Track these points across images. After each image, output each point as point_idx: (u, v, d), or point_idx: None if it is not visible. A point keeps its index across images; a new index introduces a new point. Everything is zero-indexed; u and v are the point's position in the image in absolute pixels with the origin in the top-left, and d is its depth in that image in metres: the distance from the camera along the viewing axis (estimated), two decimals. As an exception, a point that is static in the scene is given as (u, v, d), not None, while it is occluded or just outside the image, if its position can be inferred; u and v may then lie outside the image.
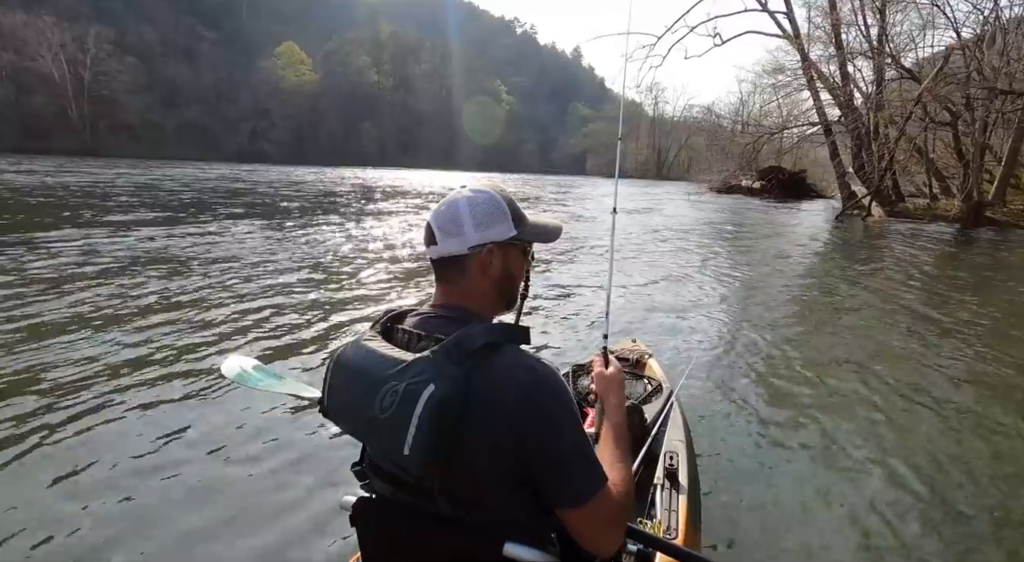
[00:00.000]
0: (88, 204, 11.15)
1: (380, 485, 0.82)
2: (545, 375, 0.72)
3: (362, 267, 6.48)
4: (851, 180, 19.41)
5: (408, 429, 0.66)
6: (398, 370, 0.70)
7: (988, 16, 17.09)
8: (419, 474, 0.68)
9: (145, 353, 3.40)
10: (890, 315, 5.27)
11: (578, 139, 78.51)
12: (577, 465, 0.72)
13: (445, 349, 0.69)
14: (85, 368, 3.12)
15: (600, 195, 24.43)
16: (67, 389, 2.85)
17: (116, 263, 5.84)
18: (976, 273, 8.15)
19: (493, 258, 0.81)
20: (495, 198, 0.82)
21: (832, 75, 20.00)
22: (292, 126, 57.33)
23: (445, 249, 0.81)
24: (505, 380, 0.70)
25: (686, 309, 5.14)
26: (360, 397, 0.73)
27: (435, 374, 0.67)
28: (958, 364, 3.84)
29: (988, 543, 1.98)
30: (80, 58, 44.54)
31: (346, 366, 0.79)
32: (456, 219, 0.80)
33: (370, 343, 0.79)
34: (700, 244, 10.15)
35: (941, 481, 2.34)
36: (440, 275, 0.84)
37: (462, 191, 0.83)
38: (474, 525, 0.73)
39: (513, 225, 0.82)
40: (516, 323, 0.88)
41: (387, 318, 0.86)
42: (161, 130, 49.13)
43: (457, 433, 0.67)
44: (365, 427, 0.75)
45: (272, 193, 16.81)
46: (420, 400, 0.66)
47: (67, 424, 2.52)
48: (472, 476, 0.71)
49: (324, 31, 65.05)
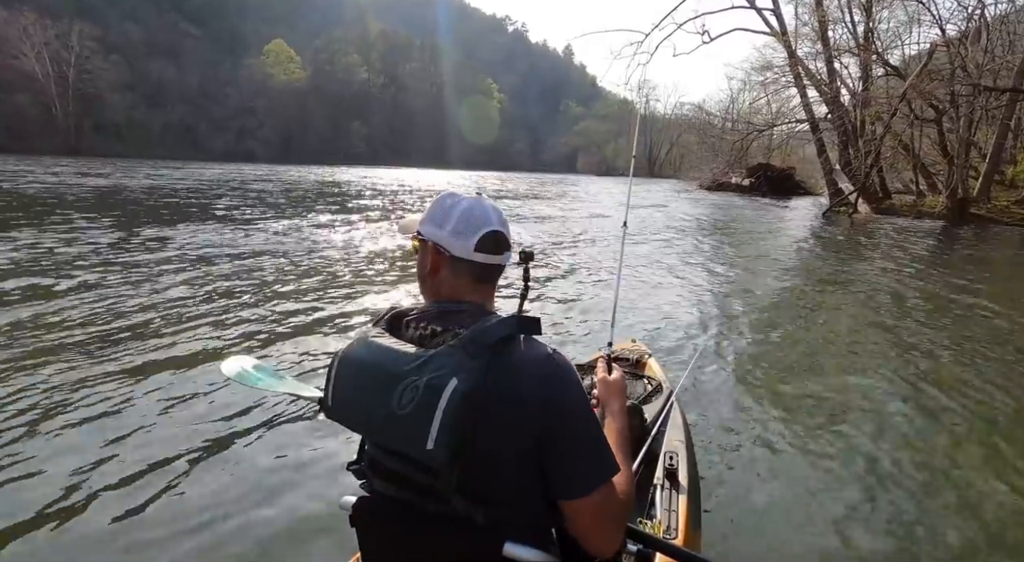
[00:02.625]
0: (77, 205, 10.91)
1: (381, 484, 0.80)
2: (561, 365, 0.75)
3: (358, 266, 6.43)
4: (838, 177, 19.49)
5: (432, 423, 0.66)
6: (417, 365, 0.70)
7: (972, 12, 17.22)
8: (442, 468, 0.68)
9: (142, 354, 3.35)
10: (876, 313, 5.27)
11: (569, 137, 78.59)
12: (591, 454, 0.74)
13: (463, 343, 0.70)
14: (84, 369, 3.07)
15: (595, 193, 24.38)
16: (66, 390, 2.82)
17: (103, 265, 5.70)
18: (962, 270, 8.21)
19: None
20: (501, 214, 0.86)
21: (819, 72, 20.09)
22: (280, 125, 56.74)
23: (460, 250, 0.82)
24: (522, 371, 0.72)
25: (685, 309, 5.13)
26: (373, 394, 0.72)
27: (457, 368, 0.68)
28: (958, 365, 3.81)
29: (988, 542, 1.97)
30: (64, 56, 43.75)
31: (354, 363, 0.78)
32: (478, 223, 0.82)
33: (380, 340, 0.78)
34: (694, 243, 10.18)
35: (941, 481, 2.32)
36: (481, 274, 0.84)
37: (484, 198, 0.86)
38: (476, 524, 0.72)
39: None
40: (523, 313, 0.86)
41: (391, 315, 0.84)
42: (146, 129, 48.47)
43: (476, 426, 0.67)
44: (380, 424, 0.73)
45: (261, 191, 16.60)
46: (444, 394, 0.66)
47: (67, 425, 2.50)
48: (490, 469, 0.71)
49: (313, 29, 64.48)
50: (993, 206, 16.45)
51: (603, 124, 78.85)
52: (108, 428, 2.49)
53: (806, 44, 20.67)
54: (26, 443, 2.33)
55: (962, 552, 1.92)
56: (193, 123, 52.37)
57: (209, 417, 2.62)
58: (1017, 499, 2.20)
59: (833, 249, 10.79)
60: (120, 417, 2.59)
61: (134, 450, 2.32)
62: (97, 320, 3.93)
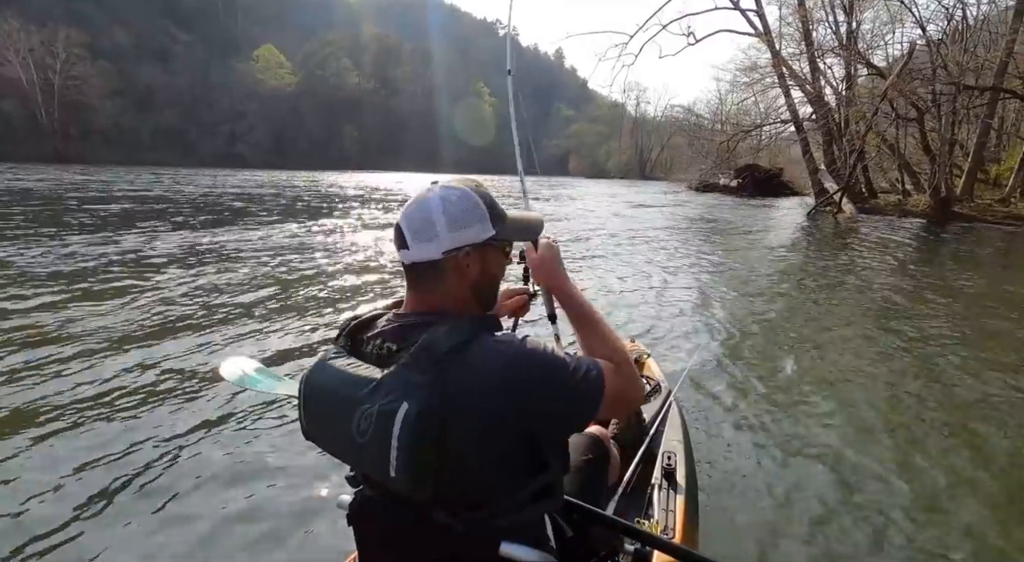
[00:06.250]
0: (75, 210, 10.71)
1: (372, 492, 0.79)
2: (525, 358, 0.71)
3: (353, 265, 6.43)
4: (823, 177, 19.51)
5: (390, 452, 0.64)
6: (369, 391, 0.67)
7: (952, 12, 17.32)
8: (412, 491, 0.67)
9: (139, 358, 3.32)
10: (868, 311, 5.27)
11: (561, 140, 78.72)
12: (576, 388, 0.73)
13: (413, 357, 0.67)
14: (81, 371, 3.06)
15: (584, 195, 24.38)
16: (65, 390, 2.82)
17: (97, 267, 5.68)
18: (943, 268, 8.25)
19: (470, 261, 0.76)
20: (470, 196, 0.77)
21: (803, 72, 20.15)
22: (271, 129, 56.45)
23: (418, 254, 0.75)
24: (484, 380, 0.67)
25: (683, 309, 5.07)
26: (335, 421, 0.70)
27: (406, 389, 0.65)
28: (959, 364, 3.77)
29: (989, 541, 1.94)
30: (49, 62, 43.34)
31: (316, 388, 0.75)
32: (428, 221, 0.74)
33: (336, 362, 0.74)
34: (686, 243, 10.20)
35: (942, 482, 2.31)
36: (413, 280, 0.78)
37: (433, 188, 0.77)
38: (470, 526, 0.71)
39: (491, 224, 0.77)
40: (484, 311, 0.83)
41: (352, 327, 0.80)
42: (135, 134, 48.10)
43: (443, 440, 0.64)
44: (347, 451, 0.73)
45: (252, 196, 16.47)
46: (396, 421, 0.63)
47: (67, 425, 2.50)
48: (466, 476, 0.69)
49: (303, 33, 64.20)
50: (976, 205, 16.49)
51: (594, 126, 79.05)
52: (105, 428, 2.49)
53: (790, 44, 20.77)
54: (16, 450, 2.30)
55: (962, 549, 1.91)
56: (183, 128, 52.03)
57: (206, 418, 2.61)
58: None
59: (819, 248, 10.81)
60: (117, 418, 2.59)
61: (132, 451, 2.32)
62: (86, 323, 3.88)
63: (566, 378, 0.73)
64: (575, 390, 0.73)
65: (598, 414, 0.76)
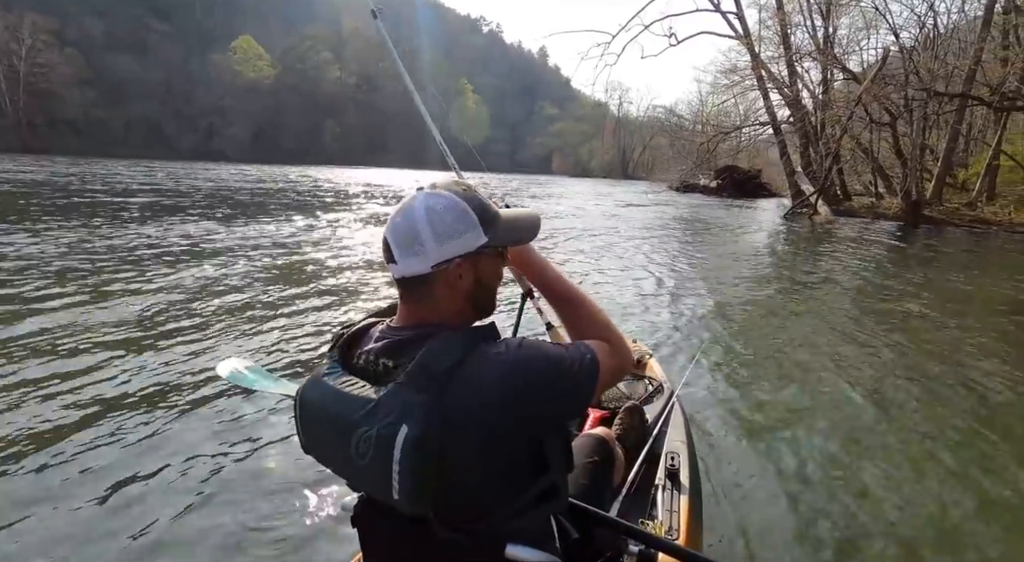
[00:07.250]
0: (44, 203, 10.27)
1: (376, 500, 0.76)
2: (512, 360, 0.69)
3: (348, 264, 6.36)
4: (799, 179, 19.87)
5: (392, 476, 0.63)
6: (366, 413, 0.66)
7: (924, 20, 17.78)
8: (415, 510, 0.67)
9: (135, 357, 3.26)
10: (863, 309, 5.36)
11: (545, 138, 78.81)
12: (573, 379, 0.72)
13: (409, 377, 0.66)
14: (79, 372, 2.99)
15: (573, 194, 24.41)
16: (63, 391, 2.76)
17: (85, 265, 5.50)
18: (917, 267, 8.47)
19: (462, 272, 0.74)
20: (456, 203, 0.73)
21: (781, 75, 20.49)
22: (250, 123, 55.22)
23: (406, 269, 0.72)
24: (478, 388, 0.66)
25: (683, 309, 5.07)
26: (333, 442, 0.70)
27: (404, 411, 0.63)
28: (958, 366, 3.82)
29: (988, 540, 1.95)
30: (14, 49, 41.71)
31: (311, 407, 0.74)
32: (414, 233, 0.71)
33: (330, 381, 0.72)
34: (677, 243, 10.32)
35: (941, 480, 2.31)
36: (405, 293, 0.76)
37: (418, 196, 0.74)
38: (475, 530, 0.72)
39: (483, 230, 0.74)
40: (481, 321, 0.80)
41: (345, 340, 0.78)
42: (107, 126, 46.59)
43: (444, 459, 0.64)
44: (348, 471, 0.72)
45: (233, 192, 16.07)
46: (396, 445, 0.63)
47: (65, 427, 2.46)
48: (467, 491, 0.69)
49: (283, 26, 62.99)
50: (945, 208, 16.97)
51: (578, 125, 79.30)
52: (104, 429, 2.45)
53: (769, 48, 21.10)
54: (11, 450, 2.26)
55: (962, 546, 1.92)
56: (159, 121, 50.59)
57: (205, 419, 2.58)
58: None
59: (798, 249, 11.04)
60: (115, 419, 2.54)
61: (132, 451, 2.30)
62: (80, 324, 3.77)
63: (564, 374, 0.72)
64: (573, 383, 0.73)
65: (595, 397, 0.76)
